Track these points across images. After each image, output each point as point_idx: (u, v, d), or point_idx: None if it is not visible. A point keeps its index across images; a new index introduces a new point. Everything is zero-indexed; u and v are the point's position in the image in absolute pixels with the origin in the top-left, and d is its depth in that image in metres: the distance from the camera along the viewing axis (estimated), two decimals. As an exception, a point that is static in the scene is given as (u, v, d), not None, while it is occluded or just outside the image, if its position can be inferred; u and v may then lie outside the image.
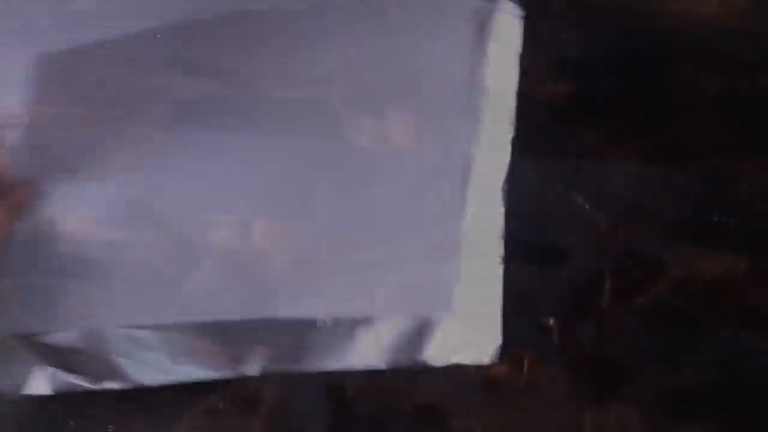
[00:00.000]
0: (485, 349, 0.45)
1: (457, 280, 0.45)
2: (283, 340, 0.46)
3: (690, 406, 0.46)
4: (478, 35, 0.45)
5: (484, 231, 0.45)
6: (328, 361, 0.46)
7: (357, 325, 0.46)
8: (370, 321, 0.46)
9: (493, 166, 0.45)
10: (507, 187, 0.45)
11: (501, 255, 0.44)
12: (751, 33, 0.44)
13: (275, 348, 0.46)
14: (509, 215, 0.46)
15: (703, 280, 0.45)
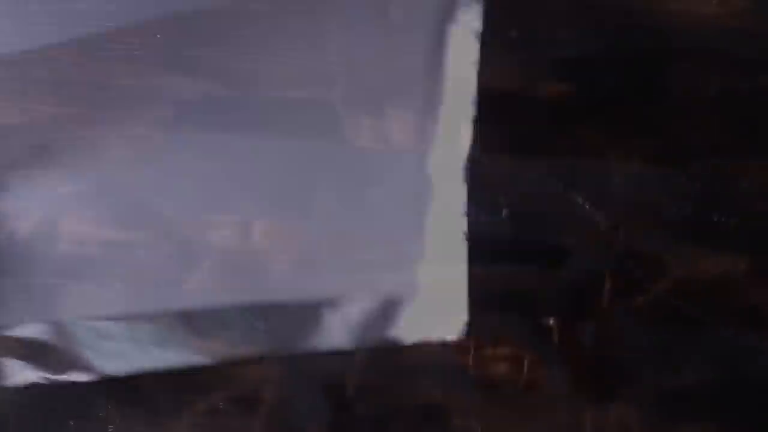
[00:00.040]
0: (452, 326, 0.45)
1: (420, 258, 0.45)
2: (248, 325, 0.46)
3: (690, 406, 0.46)
4: (442, 20, 0.45)
5: (448, 208, 0.45)
6: (295, 343, 0.46)
7: (323, 306, 0.46)
8: (337, 301, 0.46)
9: (455, 148, 0.45)
10: (506, 188, 0.45)
11: (464, 231, 0.45)
12: (751, 33, 0.44)
13: (240, 332, 0.46)
14: (509, 215, 0.46)
15: (703, 280, 0.45)
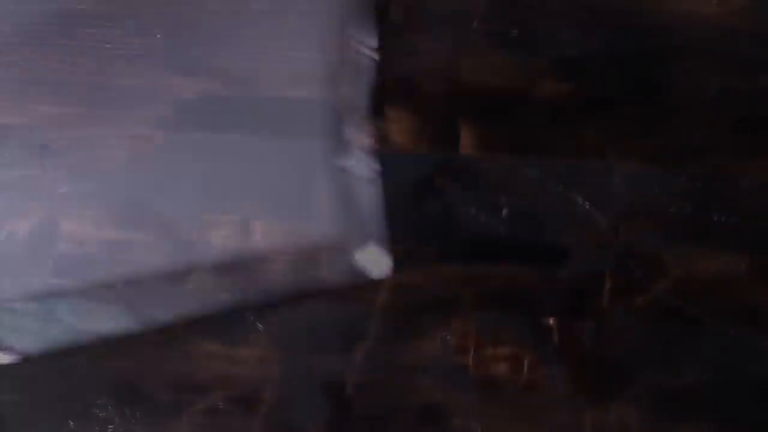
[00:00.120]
0: (376, 268, 0.46)
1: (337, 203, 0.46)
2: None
3: (690, 406, 0.46)
4: None
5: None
6: (221, 295, 0.46)
7: (249, 261, 0.46)
8: (263, 254, 0.46)
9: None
10: (506, 188, 0.45)
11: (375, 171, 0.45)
12: (751, 32, 0.44)
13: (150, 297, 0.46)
14: (509, 215, 0.46)
15: (703, 280, 0.45)
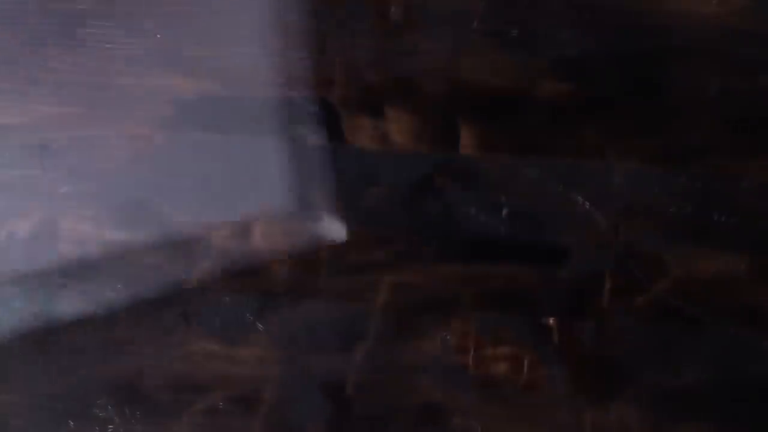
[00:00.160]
0: (332, 234, 0.46)
1: None
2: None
3: (690, 406, 0.46)
4: None
5: None
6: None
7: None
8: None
9: None
10: (506, 188, 0.45)
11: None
12: (751, 32, 0.44)
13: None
14: (509, 215, 0.46)
15: (703, 280, 0.45)
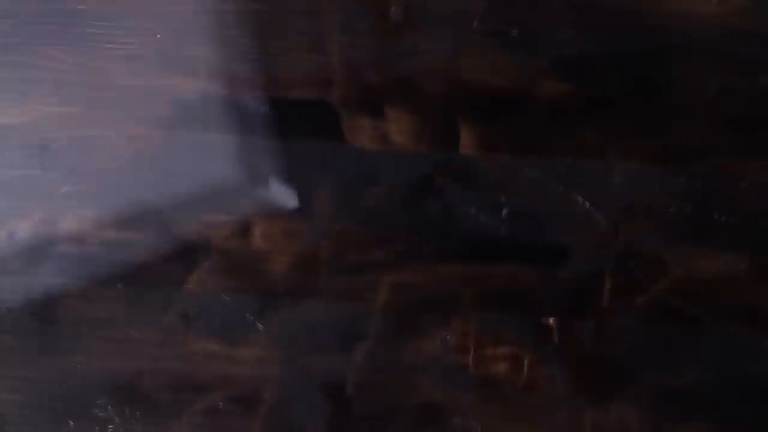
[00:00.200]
0: (283, 201, 0.47)
1: None
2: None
3: (690, 406, 0.46)
4: None
5: None
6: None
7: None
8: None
9: None
10: (506, 188, 0.45)
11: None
12: (751, 32, 0.44)
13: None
14: (509, 215, 0.46)
15: (703, 280, 0.45)
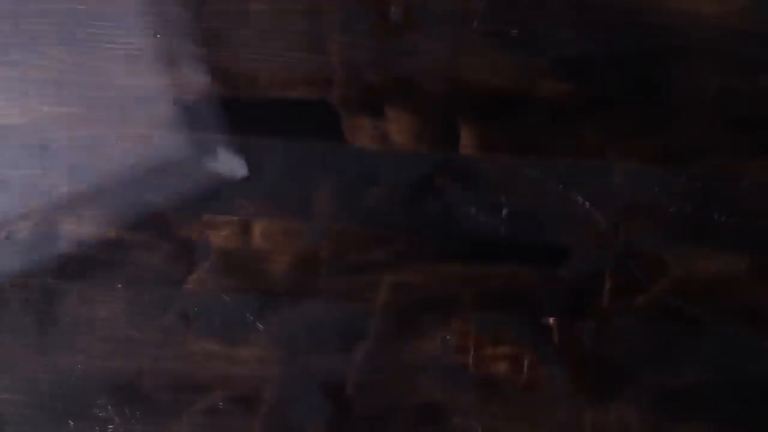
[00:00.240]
0: (232, 171, 0.47)
1: None
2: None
3: (690, 406, 0.46)
4: None
5: None
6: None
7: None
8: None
9: None
10: (506, 188, 0.45)
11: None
12: (751, 32, 0.44)
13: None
14: (509, 215, 0.46)
15: (703, 280, 0.45)
